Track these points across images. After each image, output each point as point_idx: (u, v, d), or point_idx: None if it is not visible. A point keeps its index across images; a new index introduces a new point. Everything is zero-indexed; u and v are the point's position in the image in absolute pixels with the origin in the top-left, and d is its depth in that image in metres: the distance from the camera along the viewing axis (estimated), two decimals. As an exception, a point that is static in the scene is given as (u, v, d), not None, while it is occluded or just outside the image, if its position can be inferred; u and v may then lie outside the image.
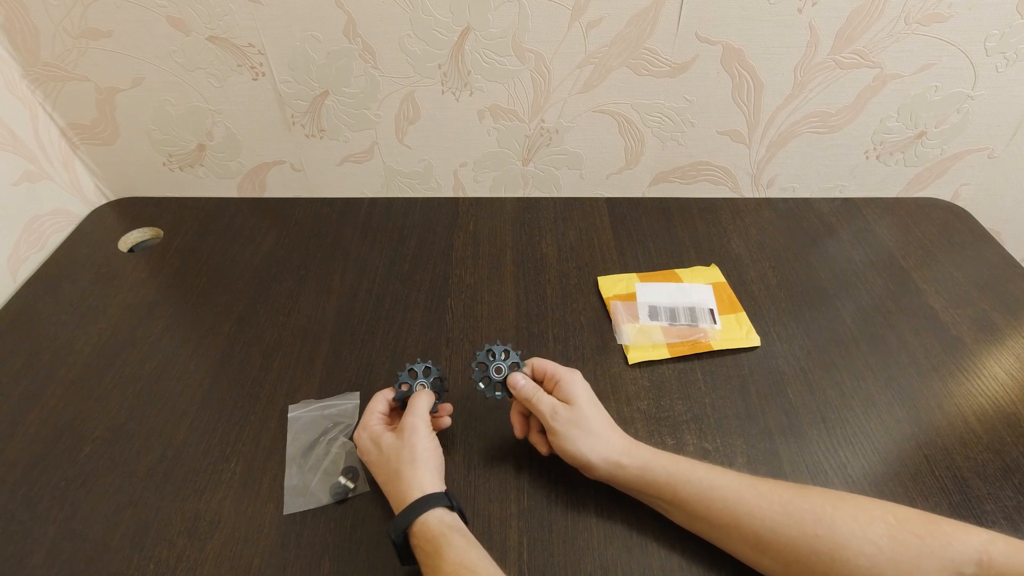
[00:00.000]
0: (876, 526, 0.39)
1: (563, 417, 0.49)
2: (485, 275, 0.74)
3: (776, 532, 0.42)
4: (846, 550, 0.39)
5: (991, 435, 0.56)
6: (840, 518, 0.40)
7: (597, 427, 0.49)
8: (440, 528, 0.43)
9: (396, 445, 0.48)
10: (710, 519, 0.45)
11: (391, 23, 0.67)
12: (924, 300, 0.70)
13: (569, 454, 0.48)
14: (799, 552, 0.41)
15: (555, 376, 0.51)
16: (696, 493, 0.45)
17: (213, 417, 0.59)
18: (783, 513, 0.42)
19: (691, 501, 0.45)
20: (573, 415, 0.49)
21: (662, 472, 0.46)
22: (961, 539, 0.38)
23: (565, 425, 0.48)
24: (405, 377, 0.54)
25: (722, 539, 0.45)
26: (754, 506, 0.43)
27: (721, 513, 0.44)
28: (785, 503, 0.42)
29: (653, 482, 0.46)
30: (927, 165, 0.82)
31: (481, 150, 0.81)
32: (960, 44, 0.68)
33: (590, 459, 0.47)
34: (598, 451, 0.48)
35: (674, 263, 0.75)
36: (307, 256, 0.77)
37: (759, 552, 0.43)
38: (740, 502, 0.43)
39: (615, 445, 0.48)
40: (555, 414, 0.49)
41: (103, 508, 0.52)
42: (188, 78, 0.73)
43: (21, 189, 0.74)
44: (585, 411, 0.49)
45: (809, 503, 0.42)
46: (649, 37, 0.68)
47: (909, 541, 0.38)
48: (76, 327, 0.68)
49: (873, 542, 0.39)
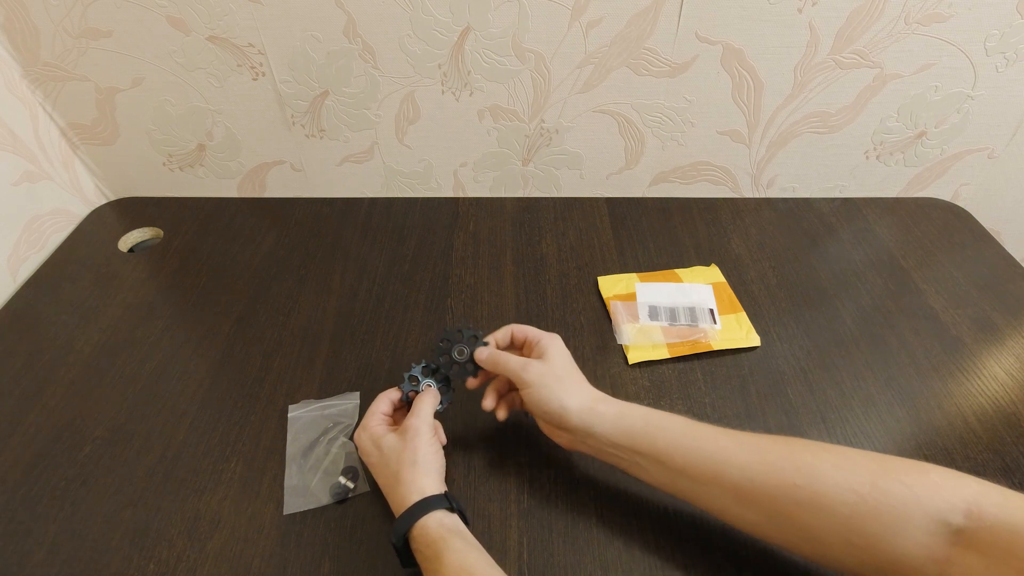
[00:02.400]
0: (859, 474, 0.37)
1: (535, 369, 0.47)
2: (485, 275, 0.74)
3: (756, 482, 0.40)
4: (826, 498, 0.37)
5: (991, 435, 0.56)
6: (822, 467, 0.39)
7: (572, 378, 0.48)
8: (440, 531, 0.42)
9: (397, 447, 0.48)
10: (689, 471, 0.43)
11: (391, 23, 0.67)
12: (924, 300, 0.70)
13: (543, 403, 0.47)
14: (781, 502, 0.39)
15: (535, 338, 0.51)
16: (675, 442, 0.43)
17: (213, 417, 0.59)
18: (763, 463, 0.40)
19: (669, 451, 0.43)
20: (546, 367, 0.48)
21: (639, 420, 0.45)
22: (951, 488, 0.36)
23: (537, 376, 0.47)
24: (408, 386, 0.54)
25: (703, 494, 0.43)
26: (733, 455, 0.41)
27: (701, 464, 0.42)
28: (766, 452, 0.41)
29: (629, 430, 0.45)
30: (927, 165, 0.82)
31: (481, 150, 0.81)
32: (960, 44, 0.68)
33: (564, 404, 0.46)
34: (572, 397, 0.47)
35: (674, 263, 0.75)
36: (307, 256, 0.77)
37: (741, 505, 0.41)
38: (720, 451, 0.42)
39: (590, 393, 0.48)
40: (526, 367, 0.48)
41: (103, 508, 0.52)
42: (188, 78, 0.73)
43: (21, 189, 0.74)
44: (559, 363, 0.49)
45: (790, 452, 0.40)
46: (649, 37, 0.68)
47: (893, 489, 0.36)
48: (76, 327, 0.68)
49: (855, 490, 0.37)
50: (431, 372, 0.54)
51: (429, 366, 0.55)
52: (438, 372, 0.54)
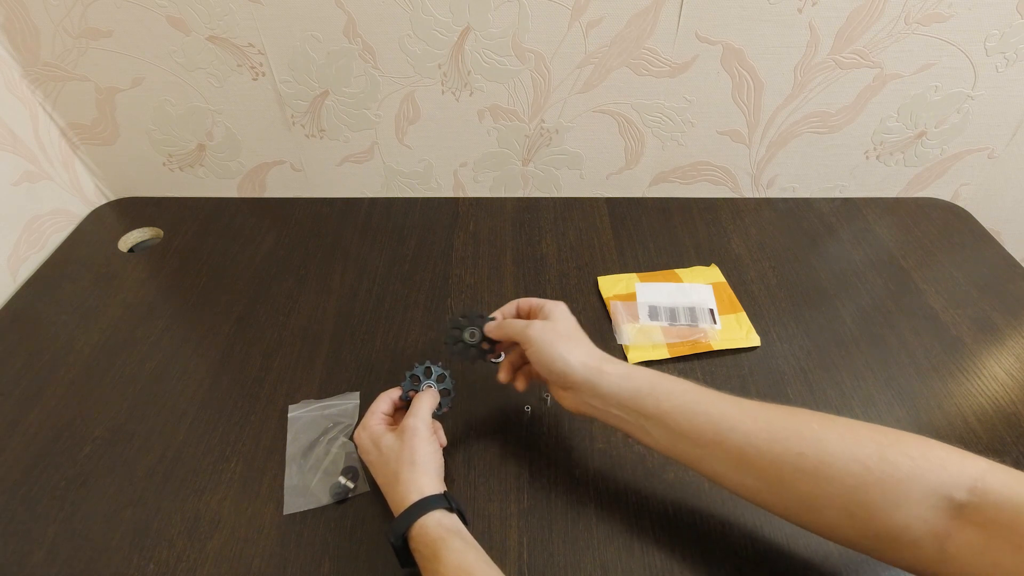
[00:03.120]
0: (865, 446, 0.37)
1: (538, 327, 0.48)
2: (485, 275, 0.74)
3: (760, 449, 0.39)
4: (831, 468, 0.37)
5: (991, 435, 0.56)
6: (828, 437, 0.38)
7: (576, 338, 0.48)
8: (438, 531, 0.42)
9: (396, 447, 0.48)
10: (693, 436, 0.42)
11: (391, 23, 0.67)
12: (924, 300, 0.70)
13: (546, 359, 0.46)
14: (783, 470, 0.39)
15: (539, 305, 0.51)
16: (680, 406, 0.43)
17: (213, 417, 0.59)
18: (767, 430, 0.40)
19: (674, 414, 0.43)
20: (550, 324, 0.48)
21: (644, 382, 0.45)
22: (956, 463, 0.35)
23: (541, 331, 0.47)
24: (409, 385, 0.54)
25: (704, 458, 0.43)
26: (738, 422, 0.41)
27: (704, 428, 0.42)
28: (771, 419, 0.40)
29: (636, 392, 0.44)
30: (927, 165, 0.82)
31: (481, 150, 0.81)
32: (960, 44, 0.68)
33: (568, 360, 0.46)
34: (577, 354, 0.46)
35: (674, 263, 0.75)
36: (307, 256, 0.77)
37: (742, 471, 0.41)
38: (724, 417, 0.41)
39: (595, 352, 0.48)
40: (530, 325, 0.48)
41: (103, 508, 0.52)
42: (188, 78, 0.73)
43: (21, 189, 0.74)
44: (562, 323, 0.49)
45: (796, 421, 0.40)
46: (649, 37, 0.68)
47: (899, 462, 0.36)
48: (76, 327, 0.68)
49: (861, 461, 0.36)
50: (426, 374, 0.54)
51: (431, 367, 0.55)
52: (431, 372, 0.54)
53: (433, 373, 0.54)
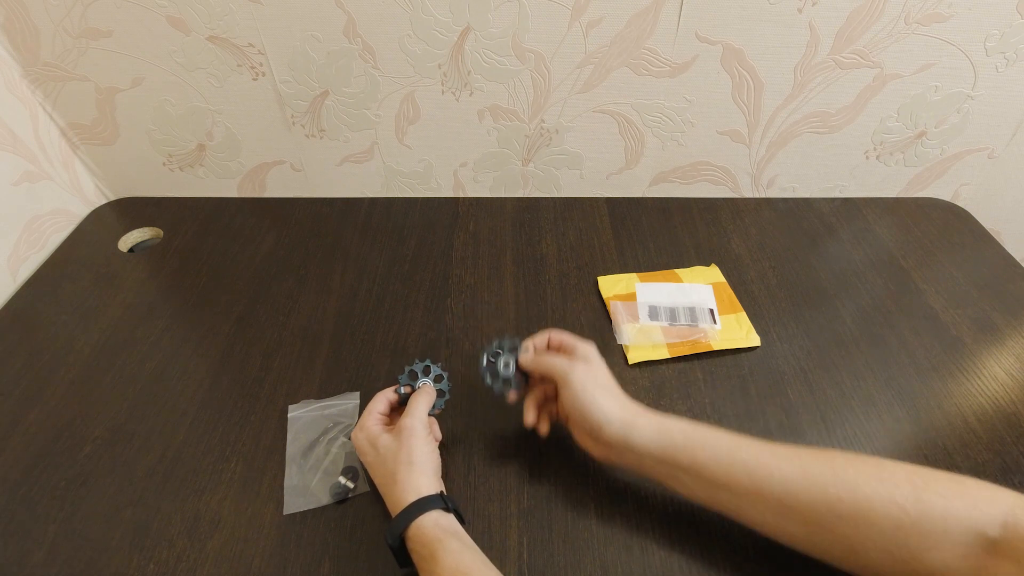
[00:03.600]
0: (900, 487, 0.38)
1: (580, 371, 0.48)
2: (485, 275, 0.74)
3: (798, 496, 0.40)
4: (870, 512, 0.38)
5: (991, 435, 0.56)
6: (863, 480, 0.39)
7: (613, 389, 0.49)
8: (435, 532, 0.42)
9: (393, 447, 0.48)
10: (731, 486, 0.43)
11: (391, 23, 0.67)
12: (924, 300, 0.70)
13: (585, 408, 0.47)
14: (822, 516, 0.40)
15: (571, 345, 0.51)
16: (715, 457, 0.43)
17: (213, 417, 0.59)
18: (804, 476, 0.41)
19: (711, 466, 0.43)
20: (591, 371, 0.48)
21: (679, 435, 0.45)
22: (988, 500, 0.37)
23: (582, 378, 0.47)
24: (406, 379, 0.54)
25: (744, 507, 0.43)
26: (775, 469, 0.41)
27: (742, 478, 0.42)
28: (806, 465, 0.41)
29: (671, 445, 0.45)
30: (927, 165, 0.82)
31: (481, 150, 0.81)
32: (960, 44, 0.68)
33: (606, 414, 0.46)
34: (614, 407, 0.47)
35: (674, 263, 0.75)
36: (307, 256, 0.77)
37: (782, 517, 0.42)
38: (761, 466, 0.42)
39: (631, 406, 0.48)
40: (573, 367, 0.48)
41: (103, 508, 0.52)
42: (188, 78, 0.73)
43: (21, 189, 0.74)
44: (602, 371, 0.49)
45: (831, 465, 0.41)
46: (649, 37, 0.68)
47: (934, 502, 0.37)
48: (76, 327, 0.68)
49: (898, 503, 0.38)
50: (424, 372, 0.54)
51: (430, 365, 0.55)
52: (430, 370, 0.55)
53: (432, 372, 0.54)
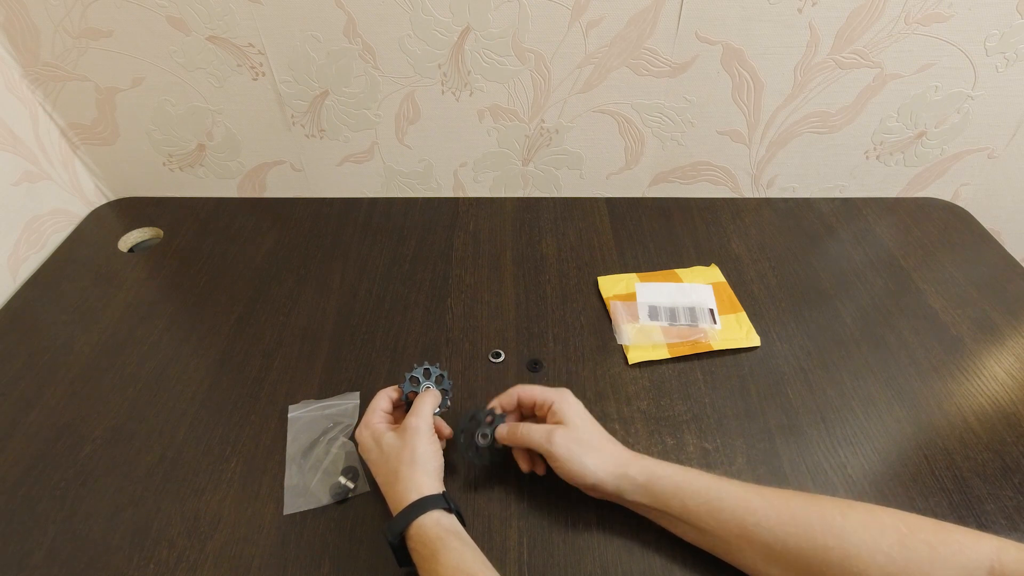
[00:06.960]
0: (887, 535, 0.39)
1: (561, 439, 0.47)
2: (485, 275, 0.74)
3: (786, 543, 0.41)
4: (857, 559, 0.39)
5: (991, 435, 0.56)
6: (850, 527, 0.40)
7: (597, 442, 0.49)
8: (436, 531, 0.42)
9: (396, 445, 0.48)
10: (719, 532, 0.44)
11: (391, 23, 0.67)
12: (924, 300, 0.70)
13: (575, 474, 0.47)
14: (810, 562, 0.40)
15: (544, 400, 0.51)
16: (704, 504, 0.44)
17: (213, 417, 0.59)
18: (792, 523, 0.41)
19: (700, 513, 0.44)
20: (571, 434, 0.48)
21: (669, 483, 0.46)
22: (972, 546, 0.38)
23: (565, 445, 0.47)
24: (408, 387, 0.54)
25: (732, 552, 0.44)
26: (763, 516, 0.42)
27: (730, 525, 0.43)
28: (794, 512, 0.42)
29: (660, 494, 0.46)
30: (927, 165, 0.82)
31: (481, 150, 0.81)
32: (960, 44, 0.68)
33: (597, 475, 0.46)
34: (603, 465, 0.47)
35: (674, 263, 0.75)
36: (307, 256, 0.77)
37: (770, 563, 0.42)
38: (749, 512, 0.43)
39: (619, 457, 0.48)
40: (552, 438, 0.47)
41: (103, 508, 0.52)
42: (188, 78, 0.73)
43: (21, 189, 0.74)
44: (582, 428, 0.49)
45: (819, 512, 0.42)
46: (649, 37, 0.68)
47: (920, 549, 0.38)
48: (76, 327, 0.68)
49: (884, 551, 0.38)
50: (425, 375, 0.55)
51: (429, 368, 0.55)
52: (430, 373, 0.55)
53: (432, 374, 0.55)
